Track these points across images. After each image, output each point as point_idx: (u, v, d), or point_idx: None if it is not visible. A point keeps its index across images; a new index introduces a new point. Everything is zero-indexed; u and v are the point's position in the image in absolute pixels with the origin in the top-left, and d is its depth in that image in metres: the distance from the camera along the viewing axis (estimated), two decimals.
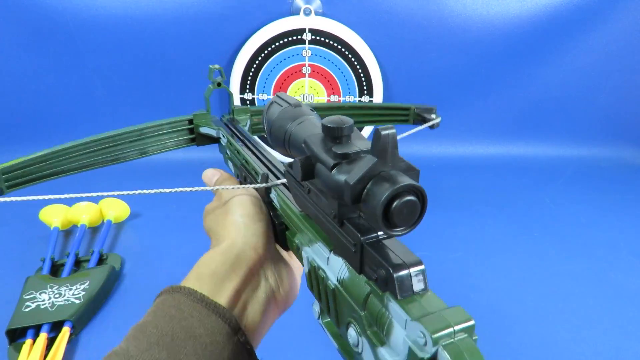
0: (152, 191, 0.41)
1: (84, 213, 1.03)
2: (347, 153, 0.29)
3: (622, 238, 1.08)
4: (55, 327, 0.78)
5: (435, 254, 1.00)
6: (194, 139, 0.59)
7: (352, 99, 1.36)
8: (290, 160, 0.37)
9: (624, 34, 1.38)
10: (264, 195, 0.42)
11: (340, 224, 0.30)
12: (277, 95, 0.40)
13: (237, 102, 1.34)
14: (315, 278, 0.35)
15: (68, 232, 1.05)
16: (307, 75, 1.33)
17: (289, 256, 0.43)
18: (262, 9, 1.28)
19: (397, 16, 1.33)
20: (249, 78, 1.31)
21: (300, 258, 0.37)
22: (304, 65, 1.32)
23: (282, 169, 0.45)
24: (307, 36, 1.29)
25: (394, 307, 0.26)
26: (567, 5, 1.33)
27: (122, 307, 0.85)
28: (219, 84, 0.57)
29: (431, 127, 0.75)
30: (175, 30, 1.29)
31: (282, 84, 1.34)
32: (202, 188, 0.44)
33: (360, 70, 1.33)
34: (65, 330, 0.76)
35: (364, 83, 1.34)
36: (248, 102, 1.34)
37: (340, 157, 0.29)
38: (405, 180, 0.25)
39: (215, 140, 0.58)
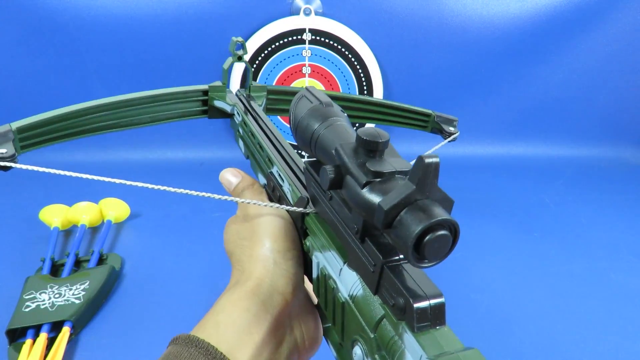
0: (181, 190, 0.38)
1: (84, 213, 1.03)
2: (381, 172, 0.27)
3: (622, 238, 1.08)
4: (55, 327, 0.78)
5: None
6: (206, 110, 0.57)
7: None
8: (312, 159, 0.35)
9: (624, 34, 1.38)
10: (298, 219, 0.37)
11: (362, 240, 0.29)
12: (307, 89, 0.37)
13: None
14: (324, 286, 0.33)
15: (68, 232, 1.05)
16: (307, 75, 1.33)
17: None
18: (262, 9, 1.28)
19: (397, 16, 1.33)
20: None
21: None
22: (304, 65, 1.32)
23: (294, 157, 0.42)
24: (307, 36, 1.29)
25: (409, 338, 0.25)
26: (567, 5, 1.33)
27: (122, 307, 0.85)
28: (239, 58, 0.54)
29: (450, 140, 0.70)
30: (175, 30, 1.29)
31: (282, 84, 1.34)
32: (225, 197, 0.37)
33: (360, 70, 1.33)
34: (65, 330, 0.76)
35: (364, 83, 1.34)
36: None
37: (374, 174, 0.27)
38: (442, 213, 0.24)
39: (228, 115, 0.56)
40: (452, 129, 0.69)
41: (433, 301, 0.25)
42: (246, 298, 0.31)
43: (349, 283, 0.30)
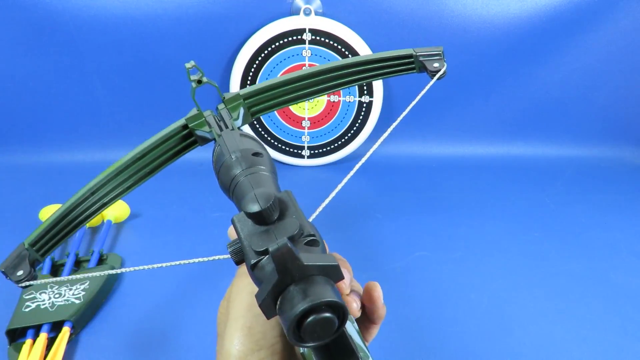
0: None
1: None
2: (263, 251, 0.27)
3: (622, 238, 1.08)
4: (55, 327, 0.78)
5: (435, 254, 1.00)
6: (195, 141, 0.55)
7: (352, 99, 1.36)
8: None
9: (624, 34, 1.38)
10: None
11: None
12: (222, 137, 0.36)
13: None
14: None
15: None
16: None
17: None
18: (262, 9, 1.28)
19: (397, 16, 1.33)
20: (249, 78, 1.31)
21: None
22: (304, 65, 1.32)
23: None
24: (307, 36, 1.29)
25: None
26: (567, 5, 1.33)
27: (122, 307, 0.85)
28: (199, 82, 0.51)
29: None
30: (175, 30, 1.29)
31: None
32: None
33: None
34: (65, 330, 0.76)
35: (364, 83, 1.34)
36: None
37: (259, 254, 0.27)
38: (317, 296, 0.23)
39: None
40: (436, 64, 0.61)
41: None
42: None
43: None
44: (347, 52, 1.31)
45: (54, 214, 0.51)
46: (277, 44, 1.29)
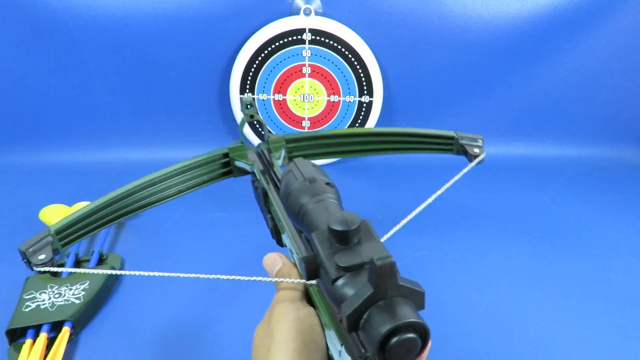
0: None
1: None
2: (349, 266, 0.27)
3: (622, 238, 1.08)
4: (55, 327, 0.78)
5: (435, 254, 1.00)
6: (230, 171, 0.59)
7: (352, 99, 1.36)
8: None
9: (624, 34, 1.38)
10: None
11: (348, 330, 0.27)
12: (294, 163, 0.38)
13: (236, 102, 1.34)
14: None
15: None
16: (307, 75, 1.33)
17: None
18: (262, 9, 1.28)
19: (397, 16, 1.33)
20: (249, 78, 1.31)
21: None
22: (304, 65, 1.32)
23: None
24: (307, 36, 1.29)
25: None
26: (567, 5, 1.33)
27: (122, 307, 0.85)
28: (251, 116, 0.56)
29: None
30: (175, 30, 1.29)
31: (282, 84, 1.34)
32: (262, 279, 0.37)
33: (360, 70, 1.33)
34: (65, 330, 0.76)
35: (364, 83, 1.34)
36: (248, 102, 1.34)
37: (343, 269, 0.28)
38: (408, 315, 0.23)
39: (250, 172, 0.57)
40: (476, 150, 0.65)
41: None
42: None
43: None
44: (347, 52, 1.31)
45: (86, 208, 0.52)
46: (277, 44, 1.29)
